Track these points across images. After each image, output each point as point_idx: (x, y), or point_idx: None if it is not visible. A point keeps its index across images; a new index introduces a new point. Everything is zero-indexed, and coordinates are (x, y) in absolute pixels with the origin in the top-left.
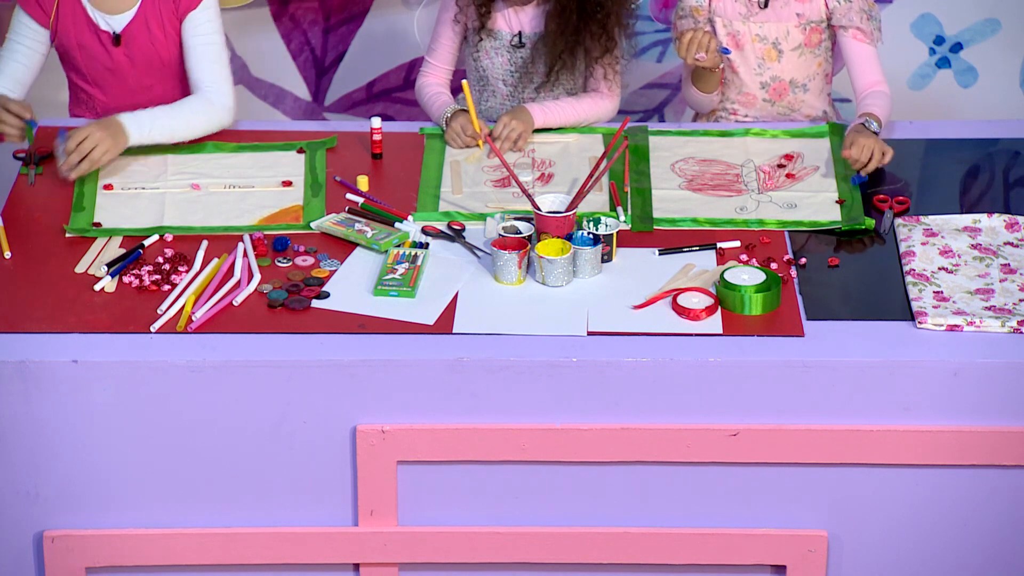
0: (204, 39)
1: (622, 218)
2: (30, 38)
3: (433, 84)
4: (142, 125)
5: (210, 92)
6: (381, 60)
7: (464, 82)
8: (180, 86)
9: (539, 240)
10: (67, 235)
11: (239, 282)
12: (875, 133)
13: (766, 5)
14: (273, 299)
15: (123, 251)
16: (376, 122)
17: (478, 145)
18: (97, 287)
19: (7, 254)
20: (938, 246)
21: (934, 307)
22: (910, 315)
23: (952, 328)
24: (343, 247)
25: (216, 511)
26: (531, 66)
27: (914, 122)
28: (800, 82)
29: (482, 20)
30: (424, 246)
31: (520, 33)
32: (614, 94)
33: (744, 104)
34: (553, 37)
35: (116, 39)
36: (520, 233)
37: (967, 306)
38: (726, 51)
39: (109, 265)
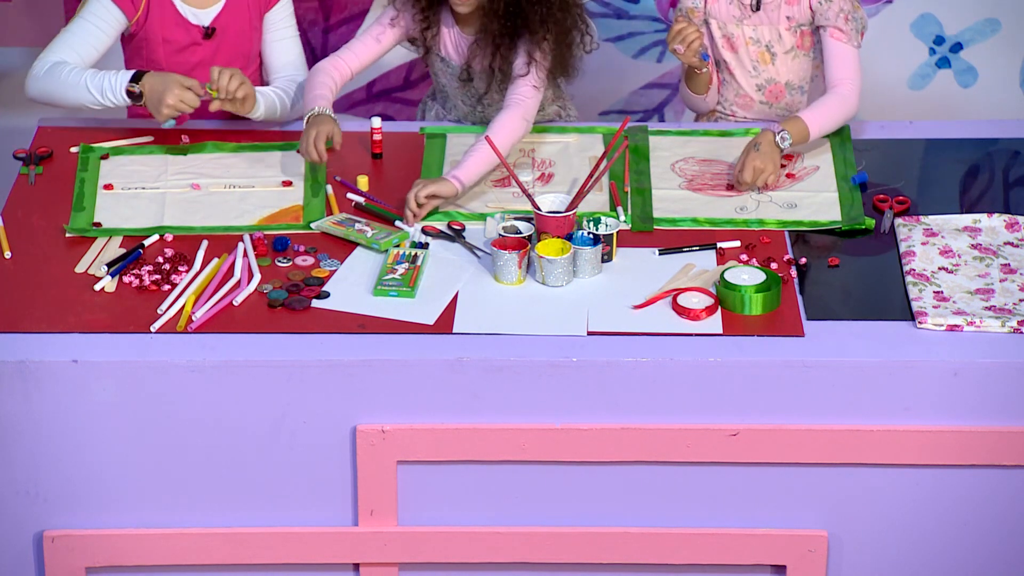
0: (288, 32)
1: (622, 218)
2: (109, 23)
3: (329, 70)
4: (266, 96)
5: (301, 79)
6: (381, 60)
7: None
8: (254, 79)
9: (539, 240)
10: (67, 235)
11: (239, 282)
12: (781, 150)
13: (758, 8)
14: (273, 299)
15: (123, 251)
16: (376, 122)
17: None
18: (97, 287)
19: (7, 254)
20: (938, 246)
21: (934, 307)
22: (910, 315)
23: (952, 328)
24: (343, 247)
25: (216, 511)
26: (486, 95)
27: (914, 122)
28: (796, 84)
29: (427, 41)
30: (424, 246)
31: (468, 67)
32: (530, 101)
33: (742, 107)
34: (482, 72)
35: (207, 33)
36: (520, 233)
37: (967, 306)
38: (705, 56)
39: (109, 265)
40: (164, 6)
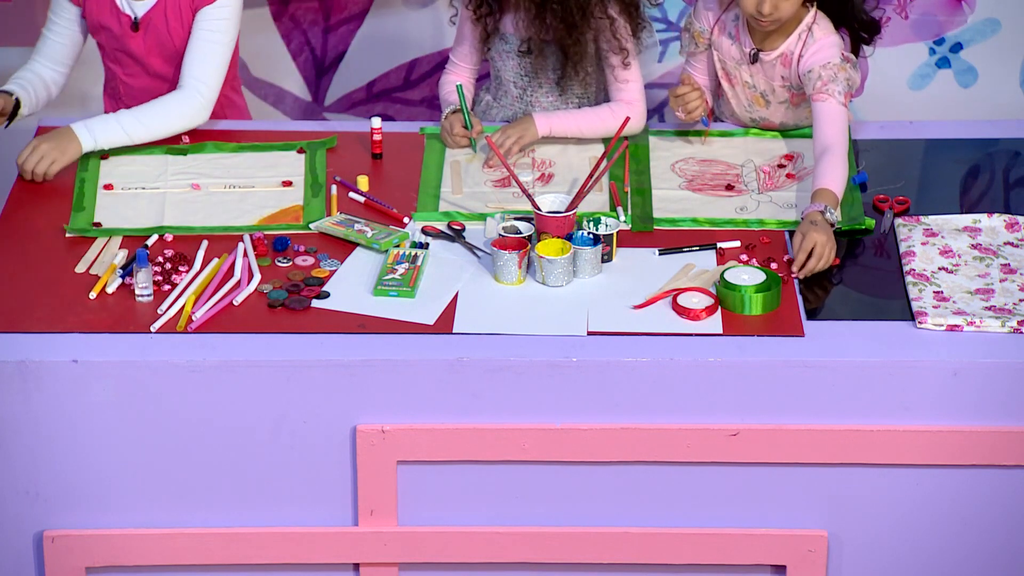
0: (208, 35)
1: (622, 218)
2: (65, 18)
3: (451, 82)
4: (94, 131)
5: (191, 88)
6: (381, 60)
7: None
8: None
9: (539, 240)
10: (67, 235)
11: (239, 282)
12: (832, 225)
13: (755, 61)
14: (273, 299)
15: (123, 251)
16: (376, 122)
17: (469, 143)
18: (110, 289)
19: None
20: (938, 246)
21: (934, 307)
22: (910, 315)
23: (952, 328)
24: (343, 247)
25: (216, 511)
26: (540, 73)
27: (914, 122)
28: (791, 125)
29: (489, 22)
30: (424, 246)
31: (529, 40)
32: (632, 100)
33: (740, 126)
34: (540, 44)
35: (135, 24)
36: (520, 233)
37: (967, 306)
38: (705, 123)
39: (122, 268)
40: None
